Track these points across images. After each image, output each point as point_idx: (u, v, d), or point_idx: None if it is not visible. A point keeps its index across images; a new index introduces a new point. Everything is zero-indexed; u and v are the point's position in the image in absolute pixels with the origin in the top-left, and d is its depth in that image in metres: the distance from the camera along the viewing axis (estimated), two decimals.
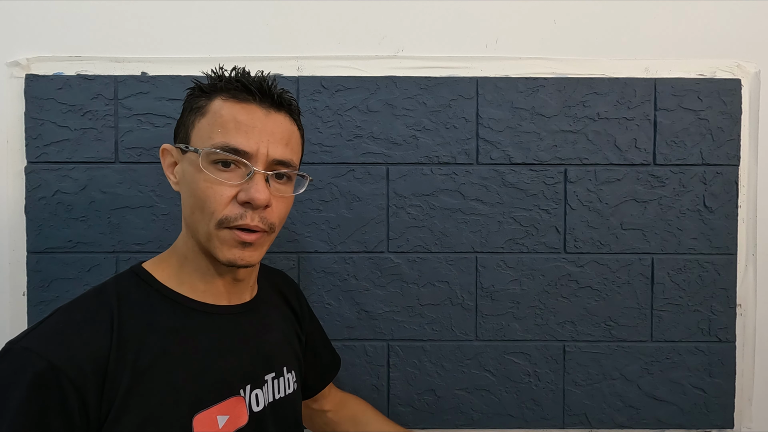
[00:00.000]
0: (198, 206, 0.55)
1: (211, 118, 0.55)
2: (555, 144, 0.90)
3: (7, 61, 0.87)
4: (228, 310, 0.60)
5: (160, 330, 0.54)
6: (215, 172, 0.54)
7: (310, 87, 0.89)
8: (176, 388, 0.52)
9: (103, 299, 0.54)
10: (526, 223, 0.90)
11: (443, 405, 0.91)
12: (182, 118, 0.59)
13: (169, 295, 0.57)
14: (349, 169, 0.90)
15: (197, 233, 0.56)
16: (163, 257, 0.61)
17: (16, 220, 0.88)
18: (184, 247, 0.59)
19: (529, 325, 0.91)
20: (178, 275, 0.59)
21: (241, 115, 0.55)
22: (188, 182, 0.56)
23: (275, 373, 0.63)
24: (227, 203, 0.54)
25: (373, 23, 0.89)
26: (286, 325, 0.72)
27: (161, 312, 0.55)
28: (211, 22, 0.89)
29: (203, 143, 0.55)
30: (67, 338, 0.49)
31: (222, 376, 0.56)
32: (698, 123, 0.89)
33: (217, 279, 0.60)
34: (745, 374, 0.91)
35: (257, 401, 0.59)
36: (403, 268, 0.90)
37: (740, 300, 0.91)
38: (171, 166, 0.59)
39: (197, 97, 0.58)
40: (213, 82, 0.58)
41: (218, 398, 0.55)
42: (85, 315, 0.52)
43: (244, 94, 0.56)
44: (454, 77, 0.89)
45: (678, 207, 0.90)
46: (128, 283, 0.57)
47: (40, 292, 0.87)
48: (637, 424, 0.91)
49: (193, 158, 0.55)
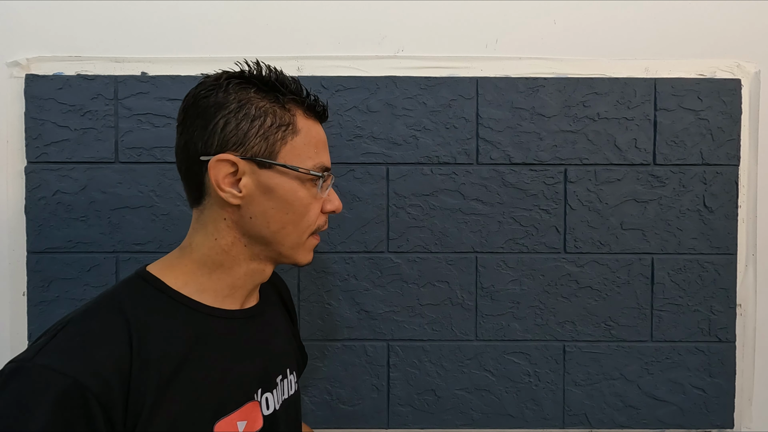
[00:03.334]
0: (293, 220, 0.58)
1: (305, 137, 0.58)
2: (555, 144, 0.90)
3: (7, 61, 0.87)
4: (243, 314, 0.60)
5: (179, 338, 0.53)
6: (313, 189, 0.59)
7: (310, 87, 0.87)
8: (199, 396, 0.52)
9: (116, 308, 0.52)
10: (526, 223, 0.90)
11: (443, 405, 0.91)
12: (241, 124, 0.54)
13: (184, 302, 0.55)
14: (349, 169, 0.90)
15: (280, 245, 0.59)
16: (173, 262, 0.58)
17: (16, 220, 0.88)
18: (223, 256, 0.57)
19: (529, 325, 0.91)
20: (198, 282, 0.57)
21: (321, 134, 0.61)
22: (279, 197, 0.56)
23: (282, 375, 0.64)
24: (319, 215, 0.61)
25: (373, 23, 0.89)
26: (286, 324, 0.72)
27: (179, 319, 0.54)
28: (211, 22, 0.89)
29: (302, 162, 0.57)
30: (89, 353, 0.47)
31: (240, 382, 0.56)
32: (698, 123, 0.89)
33: (249, 285, 0.60)
34: (745, 374, 0.91)
35: (267, 404, 0.59)
36: (403, 268, 0.90)
37: (740, 300, 0.91)
38: (229, 177, 0.55)
39: (268, 105, 0.56)
40: (282, 92, 0.57)
41: (238, 404, 0.55)
42: (102, 325, 0.50)
43: (315, 113, 0.61)
44: (454, 77, 0.89)
45: (678, 207, 0.90)
46: (139, 290, 0.55)
47: (40, 292, 0.87)
48: (637, 424, 0.91)
49: (291, 175, 0.57)
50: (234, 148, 0.54)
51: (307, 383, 0.90)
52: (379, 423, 0.90)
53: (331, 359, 0.90)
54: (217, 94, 0.55)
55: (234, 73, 0.57)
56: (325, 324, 0.90)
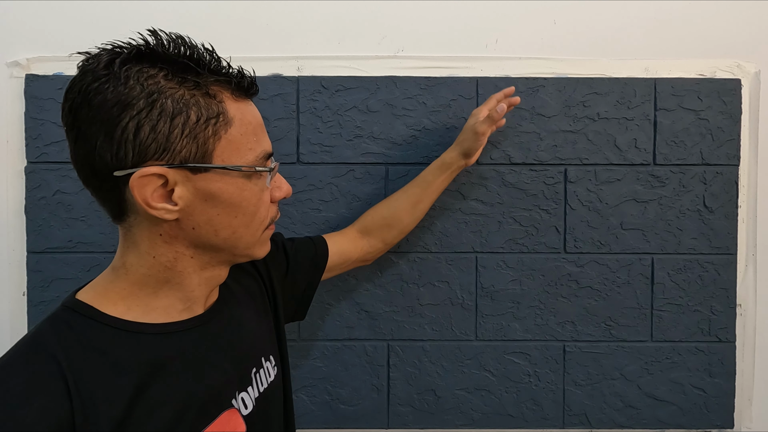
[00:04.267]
0: (245, 222, 0.51)
1: (240, 126, 0.48)
2: (555, 144, 0.90)
3: (7, 61, 0.87)
4: (199, 321, 0.53)
5: (128, 367, 0.46)
6: (260, 181, 0.51)
7: (310, 87, 0.89)
8: (165, 423, 0.46)
9: (43, 350, 0.44)
10: (526, 223, 0.90)
11: (443, 405, 0.91)
12: (159, 125, 0.44)
13: (128, 329, 0.48)
14: (349, 169, 0.90)
15: (234, 248, 0.52)
16: (106, 287, 0.50)
17: (16, 220, 0.88)
18: (167, 273, 0.50)
19: (529, 325, 0.91)
20: (143, 303, 0.50)
21: (257, 116, 0.51)
22: (224, 202, 0.48)
23: (256, 367, 0.59)
24: (270, 206, 0.54)
25: (373, 23, 0.89)
26: (254, 304, 0.65)
27: (124, 348, 0.47)
28: (211, 22, 0.89)
29: (243, 156, 0.48)
30: (13, 415, 0.39)
31: (210, 394, 0.51)
32: (698, 123, 0.89)
33: (205, 291, 0.54)
34: (745, 374, 0.91)
35: (245, 404, 0.55)
36: (403, 268, 0.90)
37: (740, 300, 0.91)
38: (159, 190, 0.46)
39: (187, 94, 0.45)
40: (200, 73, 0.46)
41: (211, 418, 0.50)
42: (26, 378, 0.42)
43: (244, 91, 0.50)
44: (454, 77, 0.89)
45: (678, 207, 0.90)
46: (71, 323, 0.46)
47: (40, 292, 0.87)
48: (637, 424, 0.91)
49: (234, 174, 0.48)
50: (156, 156, 0.44)
51: (307, 383, 0.90)
52: (379, 423, 0.90)
53: (331, 359, 0.90)
54: (116, 88, 0.43)
55: (127, 52, 0.44)
56: (325, 324, 0.90)
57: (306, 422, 0.90)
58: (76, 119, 0.44)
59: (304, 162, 0.89)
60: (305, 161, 0.89)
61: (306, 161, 0.89)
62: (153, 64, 0.44)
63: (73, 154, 0.46)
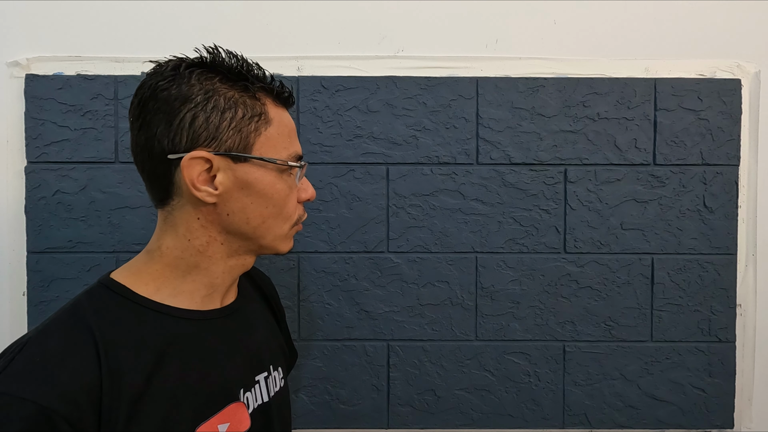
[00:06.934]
0: (274, 214, 0.56)
1: (278, 127, 0.56)
2: (555, 144, 0.90)
3: (7, 61, 0.87)
4: (220, 313, 0.58)
5: (151, 346, 0.50)
6: (290, 179, 0.57)
7: (310, 87, 0.89)
8: (176, 404, 0.50)
9: (80, 320, 0.49)
10: (526, 223, 0.90)
11: (443, 405, 0.91)
12: (211, 118, 0.51)
13: (154, 308, 0.52)
14: (349, 169, 0.90)
15: (262, 238, 0.57)
16: (140, 268, 0.55)
17: (16, 220, 0.88)
18: (198, 257, 0.55)
19: (529, 325, 0.91)
20: (172, 286, 0.54)
21: (291, 122, 0.59)
22: (258, 192, 0.54)
23: (267, 372, 0.62)
24: (297, 205, 0.60)
25: (373, 23, 0.89)
26: (269, 319, 0.71)
27: (150, 326, 0.51)
28: (211, 22, 0.89)
29: (278, 153, 0.55)
30: (51, 373, 0.44)
31: (220, 383, 0.54)
32: (698, 123, 0.89)
33: (228, 281, 0.58)
34: (745, 374, 0.91)
35: (249, 404, 0.58)
36: (403, 268, 0.90)
37: (740, 300, 0.91)
38: (203, 174, 0.52)
39: (237, 95, 0.53)
40: (250, 81, 0.54)
41: (219, 407, 0.53)
42: (64, 342, 0.47)
43: (283, 100, 0.58)
44: (454, 77, 0.89)
45: (678, 207, 0.90)
46: (104, 299, 0.52)
47: (40, 292, 0.87)
48: (637, 424, 0.91)
49: (269, 167, 0.55)
50: (206, 143, 0.51)
51: (307, 383, 0.90)
52: (379, 423, 0.90)
53: (331, 359, 0.90)
54: (179, 86, 0.51)
55: (194, 60, 0.53)
56: (325, 324, 0.90)
57: (306, 422, 0.90)
58: (143, 111, 0.52)
59: (305, 161, 0.89)
60: (306, 161, 0.89)
61: (306, 161, 0.89)
62: (213, 70, 0.53)
63: (134, 142, 0.53)
